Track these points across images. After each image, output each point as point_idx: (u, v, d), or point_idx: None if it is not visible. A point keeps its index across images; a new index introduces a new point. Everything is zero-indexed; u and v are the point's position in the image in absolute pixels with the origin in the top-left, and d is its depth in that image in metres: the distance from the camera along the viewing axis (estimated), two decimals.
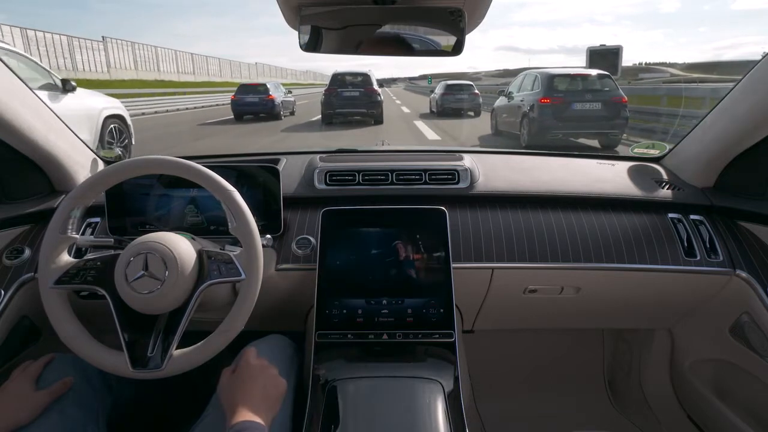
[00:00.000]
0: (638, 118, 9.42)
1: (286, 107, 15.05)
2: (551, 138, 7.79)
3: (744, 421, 1.11)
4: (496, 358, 1.62)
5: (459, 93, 14.85)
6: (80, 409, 0.84)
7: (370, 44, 0.89)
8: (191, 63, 37.07)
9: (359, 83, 12.01)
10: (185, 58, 36.17)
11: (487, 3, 0.85)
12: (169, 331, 0.79)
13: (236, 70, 45.52)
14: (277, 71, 60.86)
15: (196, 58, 37.84)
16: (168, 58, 33.87)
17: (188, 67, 36.56)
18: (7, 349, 1.03)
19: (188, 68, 36.56)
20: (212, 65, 41.03)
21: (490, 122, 10.19)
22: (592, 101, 7.68)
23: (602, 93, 7.79)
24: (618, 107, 7.63)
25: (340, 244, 1.03)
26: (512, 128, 8.75)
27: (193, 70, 37.29)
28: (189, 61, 36.66)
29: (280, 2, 0.83)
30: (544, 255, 1.09)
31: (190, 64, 36.92)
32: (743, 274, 1.05)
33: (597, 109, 7.64)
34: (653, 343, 1.42)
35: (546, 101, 7.69)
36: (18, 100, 1.01)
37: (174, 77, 33.70)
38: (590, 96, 7.76)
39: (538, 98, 7.77)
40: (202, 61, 39.06)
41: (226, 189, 0.82)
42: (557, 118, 7.66)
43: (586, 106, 7.66)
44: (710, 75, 18.97)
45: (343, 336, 0.96)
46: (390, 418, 0.81)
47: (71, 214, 0.82)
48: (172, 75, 33.87)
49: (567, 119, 7.67)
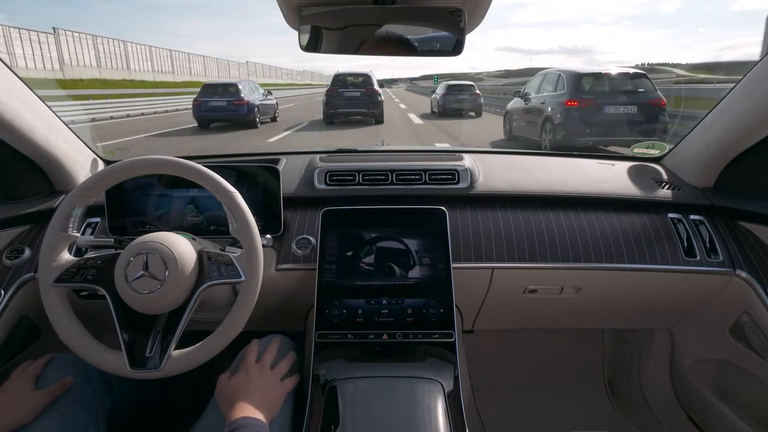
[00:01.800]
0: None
1: (265, 112, 12.52)
2: (579, 145, 6.73)
3: (744, 421, 1.11)
4: (496, 358, 1.62)
5: (460, 93, 14.57)
6: (80, 409, 0.84)
7: (370, 44, 0.89)
8: (169, 61, 33.33)
9: (360, 84, 12.11)
10: (162, 55, 32.52)
11: (487, 3, 0.85)
12: (168, 332, 0.79)
13: (224, 69, 41.17)
14: (271, 71, 56.23)
15: (176, 55, 34.07)
16: (141, 55, 30.22)
17: (166, 66, 32.93)
18: (7, 349, 1.03)
19: (166, 67, 32.90)
20: (196, 64, 36.89)
21: (503, 126, 9.06)
22: (626, 104, 6.60)
23: (638, 95, 6.72)
24: (656, 111, 6.63)
25: (340, 244, 1.03)
26: (530, 133, 7.77)
27: (172, 69, 33.55)
28: (167, 59, 32.98)
29: (280, 2, 0.83)
30: (544, 255, 1.09)
31: (168, 62, 33.18)
32: (743, 274, 1.05)
33: (632, 113, 6.59)
34: (653, 343, 1.42)
35: (573, 104, 6.62)
36: (18, 100, 1.01)
37: (148, 77, 29.92)
38: (624, 98, 6.67)
39: (563, 100, 6.73)
40: (183, 59, 35.10)
41: (228, 190, 0.82)
42: (586, 123, 6.63)
43: (620, 110, 6.60)
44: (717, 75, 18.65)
45: (343, 336, 0.96)
46: (390, 418, 0.81)
47: (72, 213, 0.82)
48: (146, 74, 30.19)
49: (597, 124, 6.63)
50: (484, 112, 14.65)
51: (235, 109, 11.35)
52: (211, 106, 11.43)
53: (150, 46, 30.90)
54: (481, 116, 14.37)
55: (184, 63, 35.14)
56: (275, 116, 13.31)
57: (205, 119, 11.69)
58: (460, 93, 14.60)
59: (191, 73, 35.70)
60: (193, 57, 36.66)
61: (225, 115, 11.55)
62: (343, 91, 11.96)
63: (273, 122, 13.01)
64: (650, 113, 6.65)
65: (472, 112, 14.70)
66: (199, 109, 11.53)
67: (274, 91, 15.49)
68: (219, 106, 11.39)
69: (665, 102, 6.78)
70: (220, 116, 11.63)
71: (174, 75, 33.27)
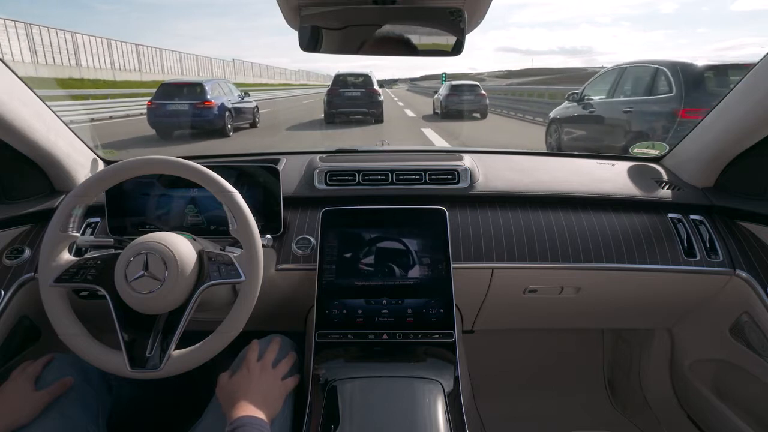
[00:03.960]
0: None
1: (240, 117, 10.47)
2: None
3: (744, 421, 1.11)
4: (496, 358, 1.62)
5: (465, 94, 13.89)
6: (80, 409, 0.84)
7: (370, 44, 0.89)
8: (136, 57, 27.94)
9: (360, 84, 12.23)
10: (128, 50, 27.35)
11: (487, 3, 0.85)
12: (168, 332, 0.79)
13: (206, 68, 34.61)
14: (263, 70, 50.15)
15: (144, 50, 28.71)
16: (96, 50, 25.00)
17: (132, 63, 27.64)
18: (7, 349, 1.03)
19: (132, 64, 27.63)
20: (170, 61, 31.27)
21: (546, 138, 7.24)
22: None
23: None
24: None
25: (340, 244, 1.03)
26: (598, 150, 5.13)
27: (139, 67, 28.22)
28: (133, 55, 27.69)
29: (280, 2, 0.83)
30: (544, 255, 1.09)
31: (135, 59, 27.80)
32: (743, 274, 1.05)
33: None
34: (653, 343, 1.42)
35: (694, 114, 4.21)
36: (18, 100, 1.01)
37: (107, 75, 24.86)
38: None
39: (672, 109, 4.43)
40: (154, 55, 29.68)
41: (228, 191, 0.82)
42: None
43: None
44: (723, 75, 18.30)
45: (343, 336, 0.96)
46: (390, 418, 0.81)
47: (72, 213, 0.82)
48: (105, 72, 25.06)
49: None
50: (489, 113, 14.23)
51: (199, 114, 9.13)
52: (169, 111, 9.18)
53: (110, 40, 25.94)
54: (486, 117, 13.95)
55: (155, 60, 29.95)
56: (255, 121, 11.34)
57: (164, 126, 9.42)
58: (464, 93, 13.99)
59: (163, 71, 30.51)
60: (168, 53, 31.32)
61: (187, 121, 9.28)
62: (344, 91, 12.08)
63: (252, 128, 11.16)
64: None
65: (477, 114, 14.21)
66: (154, 113, 9.29)
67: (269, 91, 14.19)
68: (179, 111, 9.17)
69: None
70: (182, 122, 9.37)
71: (141, 74, 28.26)
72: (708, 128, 1.17)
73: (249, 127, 11.09)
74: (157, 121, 9.37)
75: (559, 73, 48.08)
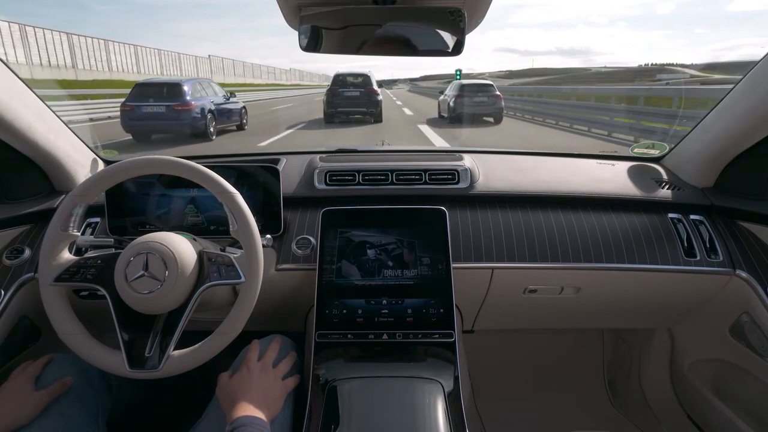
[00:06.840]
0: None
1: (225, 119, 9.73)
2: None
3: (744, 421, 1.11)
4: (496, 358, 1.62)
5: (477, 95, 12.14)
6: (80, 409, 0.84)
7: (370, 44, 0.89)
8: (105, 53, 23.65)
9: (360, 84, 12.26)
10: (94, 47, 22.88)
11: (486, 3, 0.85)
12: (167, 332, 0.79)
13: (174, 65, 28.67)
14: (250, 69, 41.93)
15: (112, 47, 24.18)
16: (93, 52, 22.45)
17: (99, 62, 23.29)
18: (7, 349, 1.03)
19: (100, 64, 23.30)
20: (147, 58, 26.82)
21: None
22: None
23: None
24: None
25: (340, 244, 1.03)
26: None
27: (109, 67, 23.91)
28: (98, 50, 23.18)
29: (280, 2, 0.83)
30: (544, 255, 1.09)
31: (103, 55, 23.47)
32: (743, 274, 1.05)
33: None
34: (653, 343, 1.42)
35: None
36: (18, 101, 1.01)
37: (64, 74, 21.04)
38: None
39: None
40: (124, 52, 25.15)
41: (229, 191, 0.82)
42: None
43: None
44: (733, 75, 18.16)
45: (343, 336, 0.96)
46: (390, 418, 0.81)
47: (73, 212, 0.82)
48: (62, 71, 21.07)
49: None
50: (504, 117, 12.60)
51: (177, 117, 8.39)
52: (144, 113, 8.43)
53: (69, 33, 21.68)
54: (501, 122, 12.41)
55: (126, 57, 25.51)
56: (242, 123, 10.69)
57: (140, 130, 8.69)
58: (476, 94, 12.21)
59: (140, 71, 26.03)
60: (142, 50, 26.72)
61: (164, 125, 8.58)
62: (344, 91, 12.12)
63: (240, 130, 10.60)
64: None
65: (490, 118, 12.54)
66: (128, 117, 8.49)
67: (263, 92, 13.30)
68: (155, 113, 8.44)
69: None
70: (158, 126, 8.67)
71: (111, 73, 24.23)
72: (708, 128, 1.17)
73: (236, 129, 10.53)
74: (132, 124, 8.66)
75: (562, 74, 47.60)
